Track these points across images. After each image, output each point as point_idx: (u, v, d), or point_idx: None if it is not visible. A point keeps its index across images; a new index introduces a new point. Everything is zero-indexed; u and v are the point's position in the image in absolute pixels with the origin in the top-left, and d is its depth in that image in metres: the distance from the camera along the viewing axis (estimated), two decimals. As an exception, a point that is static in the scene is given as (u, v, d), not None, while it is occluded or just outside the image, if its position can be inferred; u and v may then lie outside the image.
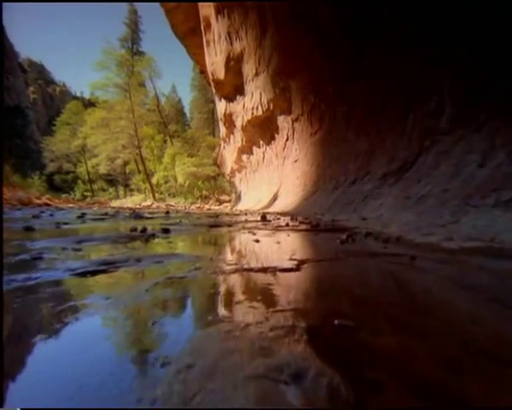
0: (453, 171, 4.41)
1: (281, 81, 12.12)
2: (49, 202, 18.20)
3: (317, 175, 11.23)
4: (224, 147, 24.47)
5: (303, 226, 4.89)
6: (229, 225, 5.12)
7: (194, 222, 5.95)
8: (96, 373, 0.64)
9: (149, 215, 8.41)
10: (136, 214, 8.03)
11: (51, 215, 7.94)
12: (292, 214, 9.24)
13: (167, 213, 10.54)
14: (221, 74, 16.39)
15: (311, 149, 12.06)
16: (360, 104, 8.61)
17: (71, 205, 19.02)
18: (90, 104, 37.77)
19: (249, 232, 3.98)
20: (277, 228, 4.62)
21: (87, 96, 49.88)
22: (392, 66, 7.22)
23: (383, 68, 7.64)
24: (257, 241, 3.06)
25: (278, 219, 7.45)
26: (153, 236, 3.30)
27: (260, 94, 14.24)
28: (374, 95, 8.04)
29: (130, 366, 0.69)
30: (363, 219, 5.14)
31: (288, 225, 5.01)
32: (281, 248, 2.57)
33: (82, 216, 7.00)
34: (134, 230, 3.64)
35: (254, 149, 18.59)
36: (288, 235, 3.72)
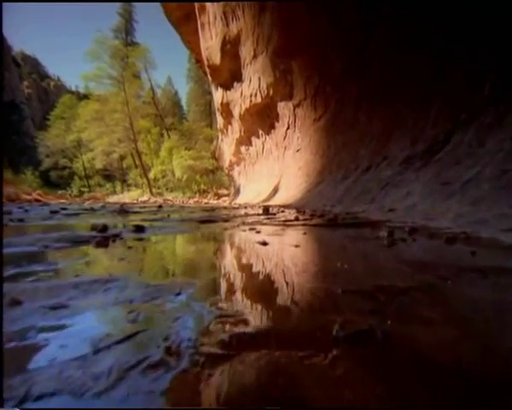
0: (510, 146, 3.39)
1: (281, 62, 10.93)
2: (39, 197, 17.04)
3: (322, 164, 10.16)
4: (222, 139, 23.26)
5: (316, 221, 3.87)
6: (226, 221, 4.09)
7: (185, 217, 4.92)
8: None
9: (137, 210, 7.37)
10: (122, 209, 6.99)
11: (26, 211, 6.96)
12: (296, 207, 8.22)
13: (160, 207, 9.51)
14: (217, 59, 15.12)
15: (315, 137, 10.96)
16: (372, 83, 7.49)
17: (62, 201, 17.89)
18: (85, 98, 36.19)
19: (251, 229, 2.95)
20: (286, 223, 3.60)
21: (82, 90, 48.10)
22: (410, 34, 6.11)
23: (399, 39, 6.53)
24: (263, 243, 2.03)
25: (282, 211, 6.43)
26: (114, 237, 2.26)
27: (259, 79, 13.03)
28: (388, 71, 6.93)
29: None
30: (389, 211, 4.12)
31: (297, 219, 3.99)
32: (305, 259, 1.54)
33: (56, 212, 5.96)
34: (94, 229, 2.61)
35: (253, 139, 17.44)
36: (304, 233, 2.69)
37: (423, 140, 5.23)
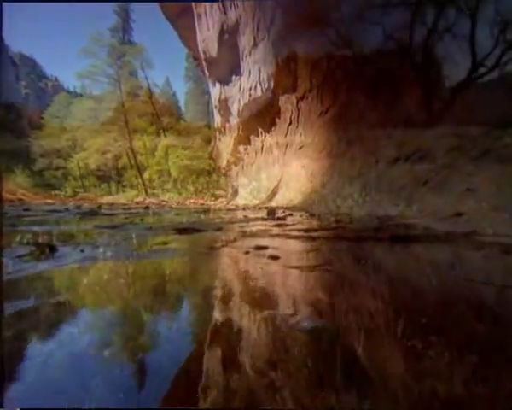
0: None
1: (284, 47, 9.56)
2: (23, 197, 15.48)
3: (330, 160, 8.80)
4: (220, 138, 21.82)
5: (354, 231, 2.49)
6: (218, 229, 2.68)
7: (160, 223, 3.49)
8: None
9: (113, 212, 5.92)
10: (92, 211, 5.56)
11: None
12: (303, 209, 6.85)
13: (146, 208, 8.09)
14: (214, 50, 13.75)
15: (321, 132, 9.60)
16: (393, 62, 6.19)
17: (49, 201, 16.31)
18: (81, 97, 34.53)
19: (258, 249, 1.56)
20: (311, 235, 2.20)
21: (79, 90, 46.29)
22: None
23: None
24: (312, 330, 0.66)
25: (291, 215, 5.03)
26: None
27: (259, 70, 11.67)
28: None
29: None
30: (456, 215, 2.75)
31: (323, 228, 2.59)
32: None
33: None
34: None
35: (252, 138, 16.04)
36: (377, 268, 1.29)
37: (478, 123, 3.90)
